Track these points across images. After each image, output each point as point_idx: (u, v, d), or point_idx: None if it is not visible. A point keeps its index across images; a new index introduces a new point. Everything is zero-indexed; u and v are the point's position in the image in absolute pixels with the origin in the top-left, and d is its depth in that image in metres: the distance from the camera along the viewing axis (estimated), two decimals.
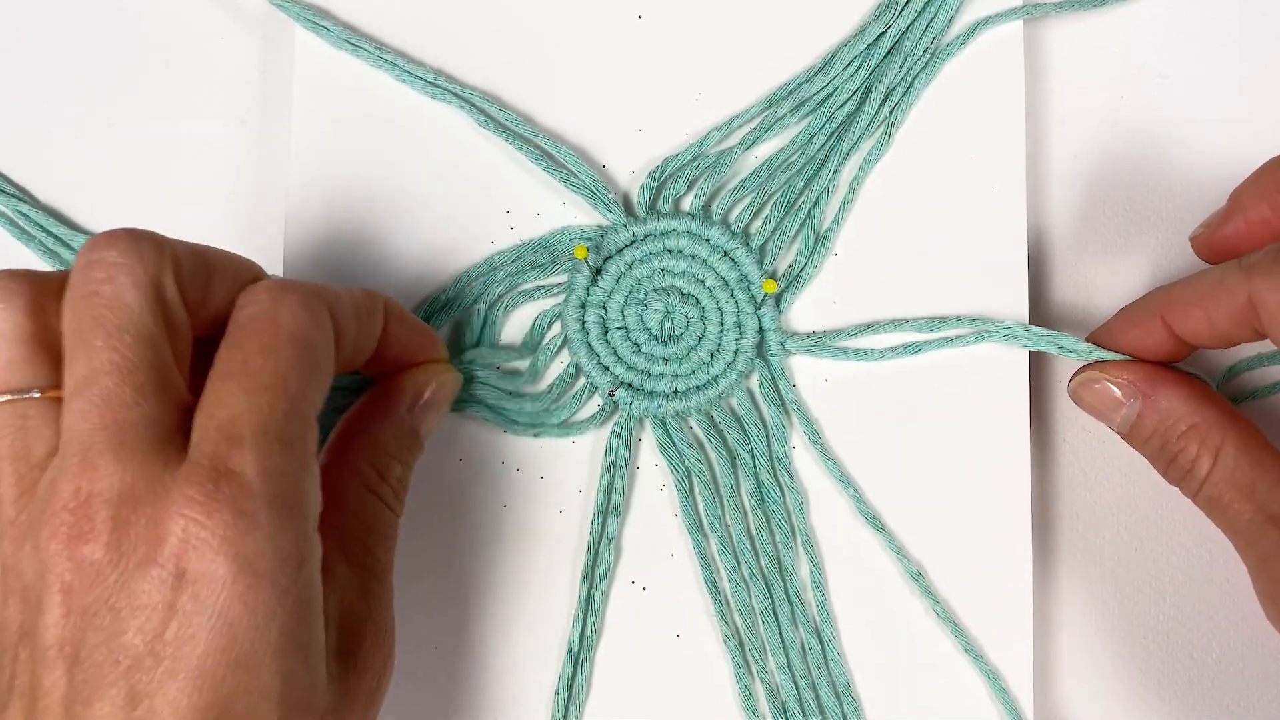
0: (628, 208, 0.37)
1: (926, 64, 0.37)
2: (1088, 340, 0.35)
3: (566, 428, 0.36)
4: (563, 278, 0.37)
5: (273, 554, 0.25)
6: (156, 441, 0.26)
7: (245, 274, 0.30)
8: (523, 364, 0.37)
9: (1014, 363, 0.36)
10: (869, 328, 0.36)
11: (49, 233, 0.38)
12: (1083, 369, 0.35)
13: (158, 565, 0.25)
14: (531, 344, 0.37)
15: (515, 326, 0.37)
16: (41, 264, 0.38)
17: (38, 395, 0.27)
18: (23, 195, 0.39)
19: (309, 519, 0.26)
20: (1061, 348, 0.35)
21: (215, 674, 0.25)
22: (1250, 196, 0.33)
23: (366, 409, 0.32)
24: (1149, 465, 0.34)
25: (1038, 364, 0.37)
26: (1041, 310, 0.38)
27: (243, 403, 0.26)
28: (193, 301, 0.28)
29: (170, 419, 0.26)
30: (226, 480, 0.25)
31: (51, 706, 0.25)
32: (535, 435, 0.36)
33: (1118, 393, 0.33)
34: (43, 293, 0.28)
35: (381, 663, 0.30)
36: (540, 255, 0.37)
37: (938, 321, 0.36)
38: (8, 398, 0.27)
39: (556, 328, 0.37)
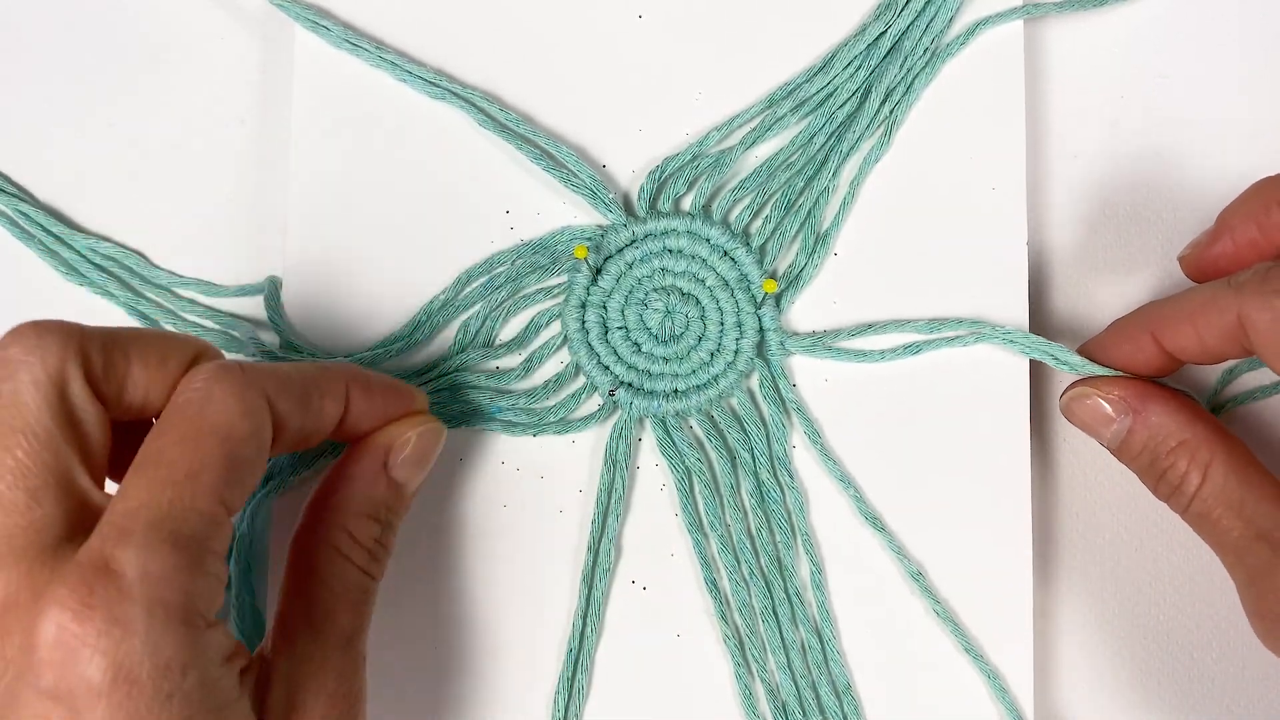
0: (628, 207, 0.37)
1: (926, 64, 0.37)
2: (1079, 352, 0.35)
3: (566, 425, 0.36)
4: (563, 278, 0.37)
5: (151, 661, 0.24)
6: (47, 546, 0.25)
7: (180, 355, 0.29)
8: (516, 363, 0.37)
9: (1014, 363, 0.36)
10: (869, 328, 0.36)
11: (49, 232, 0.38)
12: (1074, 384, 0.35)
13: (35, 676, 0.24)
14: (523, 340, 0.37)
15: (515, 327, 0.37)
16: (41, 263, 0.38)
17: None
18: (23, 195, 0.39)
19: (194, 623, 0.25)
20: (1055, 359, 0.35)
21: None
22: (1238, 218, 0.33)
23: (338, 471, 0.31)
24: None
25: (1038, 364, 0.37)
26: (1041, 310, 0.38)
27: (143, 495, 0.25)
28: (109, 392, 0.27)
29: (68, 521, 0.26)
30: (104, 581, 0.24)
31: None
32: (535, 435, 0.36)
33: (1108, 408, 0.34)
34: None
35: None
36: (540, 256, 0.37)
37: (937, 323, 0.36)
38: None
39: (554, 326, 0.37)
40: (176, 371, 0.28)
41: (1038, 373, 0.37)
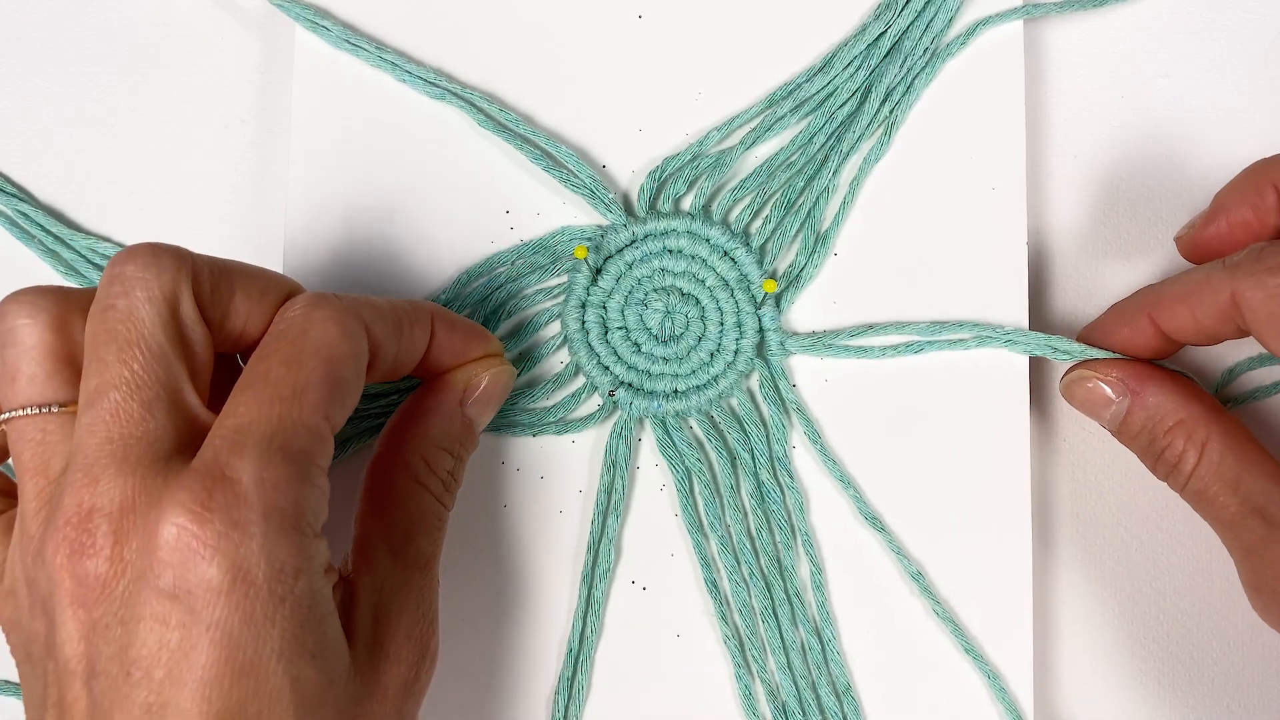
0: (628, 208, 0.37)
1: (926, 64, 0.37)
2: (1078, 338, 0.35)
3: (565, 425, 0.36)
4: (563, 278, 0.37)
5: (267, 564, 0.25)
6: (161, 457, 0.26)
7: (277, 289, 0.30)
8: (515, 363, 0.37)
9: (1013, 362, 0.36)
10: (869, 329, 0.36)
11: (49, 232, 0.38)
12: (1073, 367, 0.35)
13: (155, 576, 0.25)
14: (522, 339, 0.37)
15: (515, 327, 0.37)
16: (41, 263, 0.38)
17: (56, 410, 0.28)
18: (22, 195, 0.39)
19: (305, 530, 0.26)
20: (1056, 350, 0.35)
21: (221, 682, 0.25)
22: (1233, 199, 0.34)
23: (418, 403, 0.33)
24: None
25: (1037, 364, 0.37)
26: (1041, 309, 0.38)
27: (254, 412, 0.26)
28: (214, 317, 0.29)
29: (178, 434, 0.27)
30: (221, 487, 0.25)
31: None
32: (534, 435, 0.36)
33: (1108, 390, 0.34)
34: (69, 308, 0.28)
35: (417, 653, 0.30)
36: (540, 256, 0.37)
37: (938, 326, 0.36)
38: (28, 412, 0.28)
39: (554, 326, 0.37)
40: (273, 305, 0.29)
41: (1037, 372, 0.37)
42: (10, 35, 0.39)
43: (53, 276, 0.38)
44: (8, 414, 0.28)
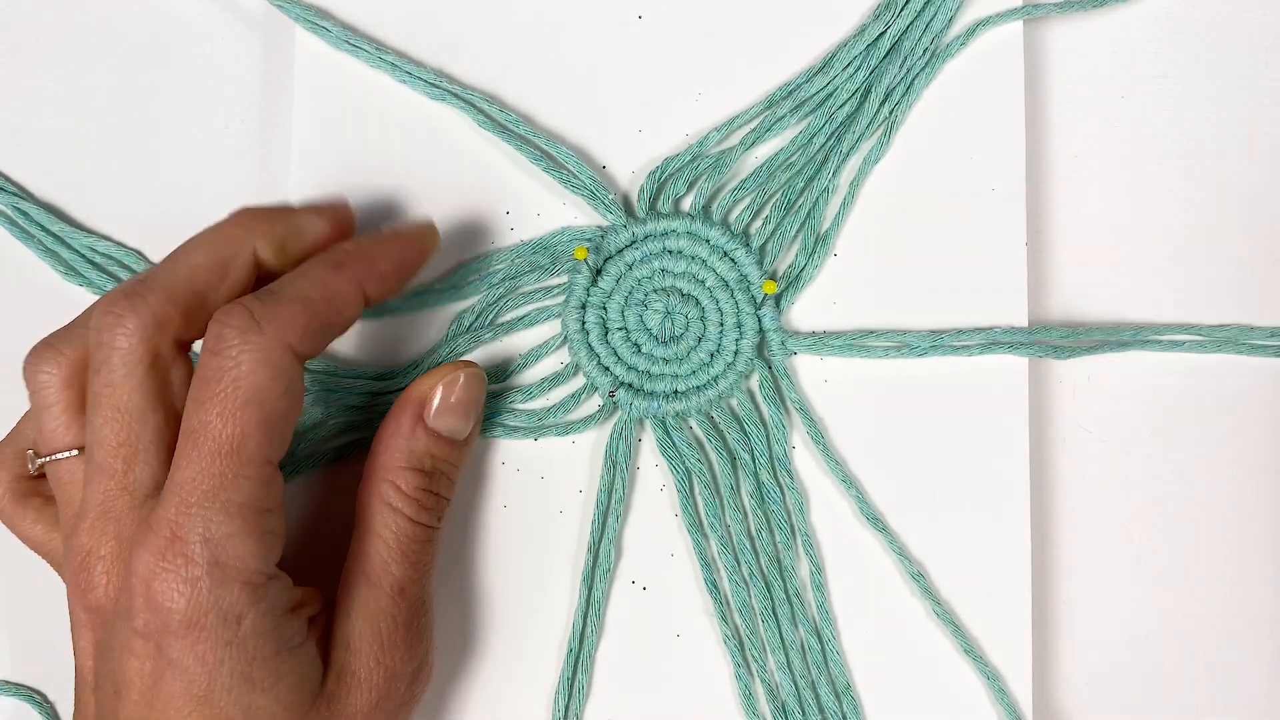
0: (628, 208, 0.37)
1: (926, 64, 0.37)
2: None
3: (566, 427, 0.36)
4: (562, 278, 0.37)
5: (214, 611, 0.28)
6: (140, 502, 0.30)
7: (238, 272, 0.32)
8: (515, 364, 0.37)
9: (1013, 363, 0.36)
10: (870, 334, 0.36)
11: (48, 231, 0.38)
12: None
13: (131, 615, 0.29)
14: (520, 336, 0.37)
15: (515, 327, 0.37)
16: (41, 263, 0.38)
17: (65, 456, 0.31)
18: (22, 194, 0.39)
19: (251, 578, 0.29)
20: (1059, 351, 0.35)
21: (183, 708, 0.29)
22: None
23: (382, 428, 0.33)
24: (1149, 465, 0.34)
25: (1037, 363, 0.37)
26: (1040, 310, 0.38)
27: (196, 468, 0.29)
28: (193, 335, 0.31)
29: (154, 479, 0.30)
30: (173, 547, 0.28)
31: None
32: (536, 439, 0.36)
33: None
34: (81, 365, 0.31)
35: (385, 677, 0.31)
36: (540, 256, 0.37)
37: (938, 333, 0.36)
38: (58, 457, 0.31)
39: (554, 326, 0.37)
40: (244, 277, 0.32)
41: (1037, 373, 0.37)
42: (10, 35, 0.39)
43: (52, 276, 0.38)
44: (42, 460, 0.32)
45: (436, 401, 0.33)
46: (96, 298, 0.38)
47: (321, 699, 0.30)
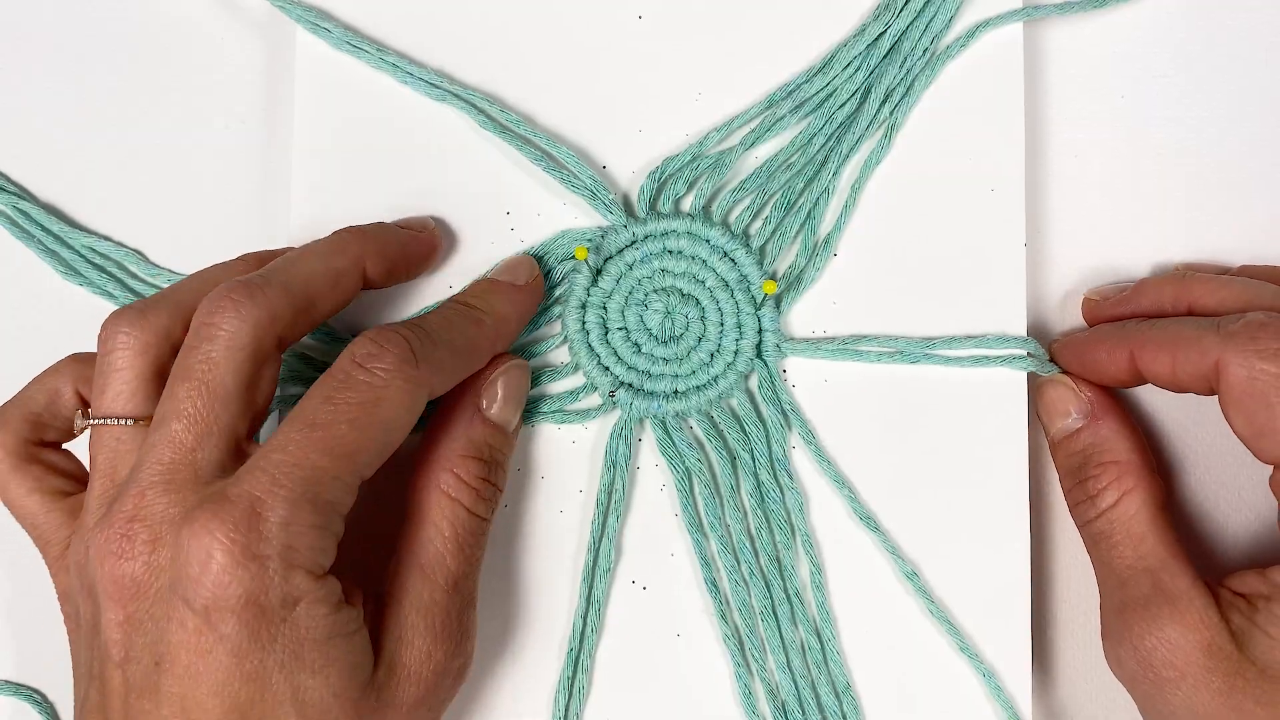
0: (628, 208, 0.37)
1: (926, 65, 0.37)
2: (1052, 345, 0.37)
3: (564, 415, 0.36)
4: (563, 278, 0.37)
5: (275, 592, 0.28)
6: (203, 482, 0.29)
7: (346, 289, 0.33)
8: None
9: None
10: (863, 339, 0.36)
11: (48, 231, 0.38)
12: (1059, 373, 0.36)
13: (183, 586, 0.28)
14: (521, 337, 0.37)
15: None
16: (41, 263, 0.38)
17: (132, 423, 0.31)
18: (22, 194, 0.39)
19: (313, 570, 0.29)
20: (1045, 366, 0.36)
21: (230, 685, 0.28)
22: (1151, 295, 0.35)
23: (439, 420, 0.34)
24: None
25: None
26: (1039, 312, 0.38)
27: (300, 454, 0.29)
28: (294, 338, 0.32)
29: (222, 465, 0.30)
30: (250, 521, 0.28)
31: (114, 698, 0.29)
32: (531, 425, 0.36)
33: (1073, 404, 0.35)
34: (166, 333, 0.32)
35: (434, 672, 0.31)
36: (541, 263, 0.37)
37: (931, 340, 0.36)
38: (109, 422, 0.31)
39: (554, 326, 0.37)
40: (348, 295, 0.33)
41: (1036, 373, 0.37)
42: (10, 35, 0.39)
43: (52, 276, 0.38)
44: (91, 421, 0.32)
45: (499, 392, 0.34)
46: (96, 298, 0.38)
47: (371, 689, 0.30)
